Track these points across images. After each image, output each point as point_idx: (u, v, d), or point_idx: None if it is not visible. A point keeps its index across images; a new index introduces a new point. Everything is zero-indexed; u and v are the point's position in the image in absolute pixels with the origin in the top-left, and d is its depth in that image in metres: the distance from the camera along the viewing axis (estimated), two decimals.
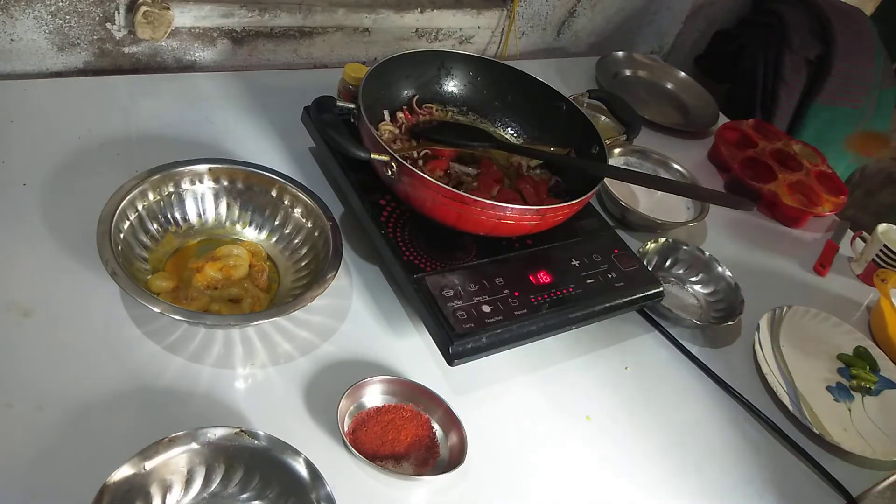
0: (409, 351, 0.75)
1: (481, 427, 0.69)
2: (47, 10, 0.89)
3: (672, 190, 0.95)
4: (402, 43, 1.23)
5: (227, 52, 1.06)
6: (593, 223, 0.90)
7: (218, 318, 0.66)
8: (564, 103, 0.93)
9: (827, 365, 0.95)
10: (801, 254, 1.15)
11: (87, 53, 0.96)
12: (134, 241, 0.70)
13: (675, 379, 0.85)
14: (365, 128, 0.76)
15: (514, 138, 0.98)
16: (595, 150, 0.88)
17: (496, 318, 0.72)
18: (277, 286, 0.75)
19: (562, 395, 0.77)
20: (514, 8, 1.29)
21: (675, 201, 1.10)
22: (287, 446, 0.58)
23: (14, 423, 0.57)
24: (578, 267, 0.82)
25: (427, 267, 0.75)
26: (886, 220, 1.14)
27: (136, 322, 0.67)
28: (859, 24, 1.55)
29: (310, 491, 0.57)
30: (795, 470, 0.80)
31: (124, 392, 0.62)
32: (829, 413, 0.87)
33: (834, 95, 1.48)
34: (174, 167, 0.74)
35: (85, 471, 0.54)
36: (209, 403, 0.64)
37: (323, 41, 1.13)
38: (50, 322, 0.65)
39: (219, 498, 0.56)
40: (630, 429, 0.77)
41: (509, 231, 0.79)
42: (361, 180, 0.82)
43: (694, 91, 1.45)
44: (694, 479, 0.75)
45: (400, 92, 0.93)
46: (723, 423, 0.82)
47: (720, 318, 0.92)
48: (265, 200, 0.78)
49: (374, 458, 0.62)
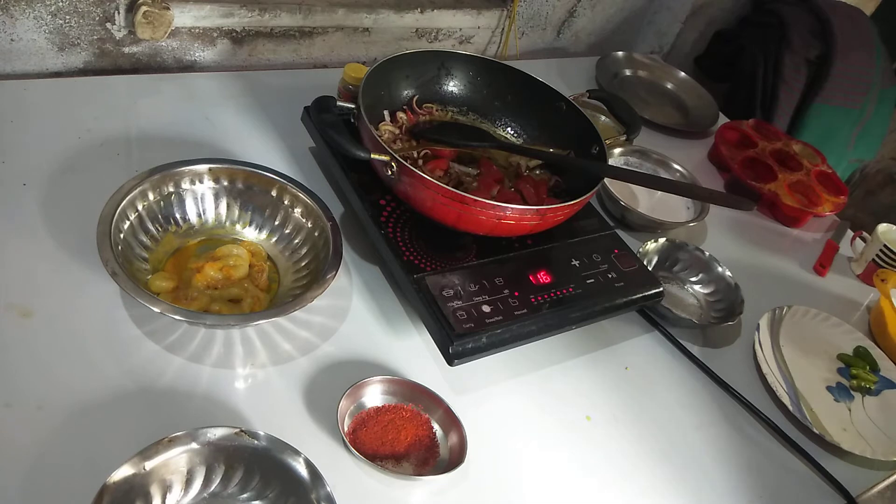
0: (409, 351, 0.75)
1: (481, 427, 0.69)
2: (47, 10, 0.89)
3: (672, 190, 0.95)
4: (402, 43, 1.23)
5: (227, 52, 1.06)
6: (593, 223, 0.90)
7: (218, 318, 0.66)
8: (564, 103, 0.93)
9: (827, 365, 0.95)
10: (801, 254, 1.15)
11: (87, 53, 0.96)
12: (134, 241, 0.70)
13: (675, 379, 0.85)
14: (365, 128, 0.76)
15: (514, 138, 0.98)
16: (595, 150, 0.88)
17: (496, 318, 0.72)
18: (277, 286, 0.75)
19: (562, 395, 0.77)
20: (514, 8, 1.29)
21: (675, 201, 1.10)
22: (287, 446, 0.58)
23: (14, 423, 0.57)
24: (578, 267, 0.82)
25: (427, 267, 0.75)
26: (886, 220, 1.14)
27: (136, 322, 0.67)
28: (859, 24, 1.55)
29: (310, 491, 0.57)
30: (795, 470, 0.80)
31: (124, 392, 0.62)
32: (829, 413, 0.87)
33: (834, 95, 1.48)
34: (174, 167, 0.74)
35: (85, 471, 0.54)
36: (209, 403, 0.64)
37: (323, 41, 1.13)
38: (50, 322, 0.65)
39: (219, 498, 0.56)
40: (630, 429, 0.77)
41: (509, 231, 0.79)
42: (361, 180, 0.82)
43: (694, 91, 1.45)
44: (694, 478, 0.75)
45: (400, 92, 0.93)
46: (723, 423, 0.82)
47: (720, 318, 0.92)
48: (265, 200, 0.78)
49: (374, 458, 0.62)
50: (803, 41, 1.48)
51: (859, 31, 1.52)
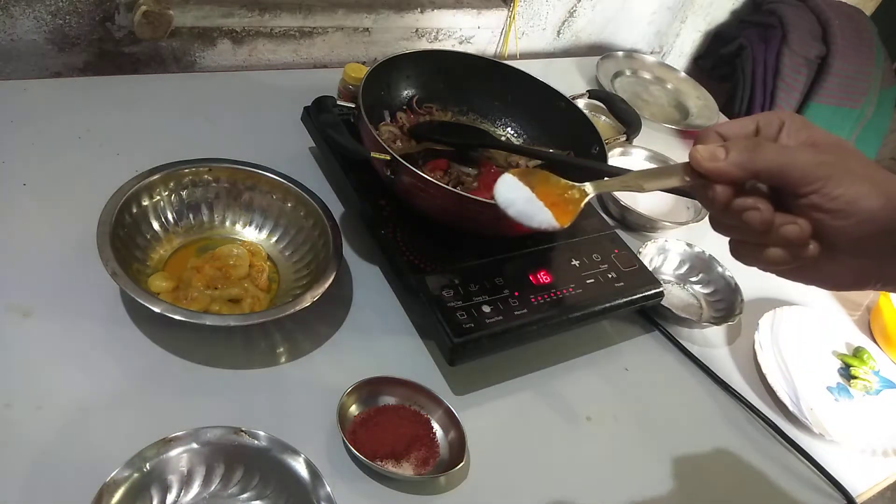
0: (409, 351, 0.75)
1: (481, 427, 0.69)
2: (47, 10, 0.89)
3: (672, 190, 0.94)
4: (402, 43, 1.23)
5: (227, 52, 1.06)
6: (593, 223, 0.90)
7: (218, 318, 0.66)
8: (564, 103, 0.93)
9: (827, 365, 0.95)
10: None
11: (87, 53, 0.96)
12: (134, 242, 0.70)
13: (675, 379, 0.85)
14: (365, 128, 0.76)
15: (514, 138, 0.98)
16: (595, 150, 0.88)
17: (496, 318, 0.72)
18: (277, 286, 0.75)
19: (562, 395, 0.77)
20: (514, 8, 1.29)
21: (675, 201, 1.10)
22: (287, 446, 0.58)
23: (14, 423, 0.57)
24: (578, 267, 0.82)
25: (427, 267, 0.75)
26: None
27: (136, 322, 0.67)
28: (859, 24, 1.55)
29: (310, 491, 0.57)
30: (795, 470, 0.80)
31: (124, 392, 0.62)
32: (829, 413, 0.87)
33: (834, 95, 1.48)
34: (174, 167, 0.74)
35: (85, 471, 0.54)
36: (209, 403, 0.64)
37: (323, 41, 1.13)
38: (50, 322, 0.65)
39: (219, 498, 0.57)
40: (630, 429, 0.77)
41: (509, 231, 0.79)
42: (361, 180, 0.82)
43: (694, 91, 1.45)
44: (694, 478, 0.75)
45: (400, 92, 0.93)
46: (723, 423, 0.82)
47: (720, 318, 0.92)
48: (265, 200, 0.78)
49: (374, 458, 0.62)
50: (803, 41, 1.48)
51: (859, 31, 1.52)
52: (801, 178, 0.40)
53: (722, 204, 0.43)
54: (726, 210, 0.43)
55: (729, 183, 0.42)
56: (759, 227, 0.42)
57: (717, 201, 0.43)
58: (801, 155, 0.41)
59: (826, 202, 0.40)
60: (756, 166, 0.41)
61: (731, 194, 0.43)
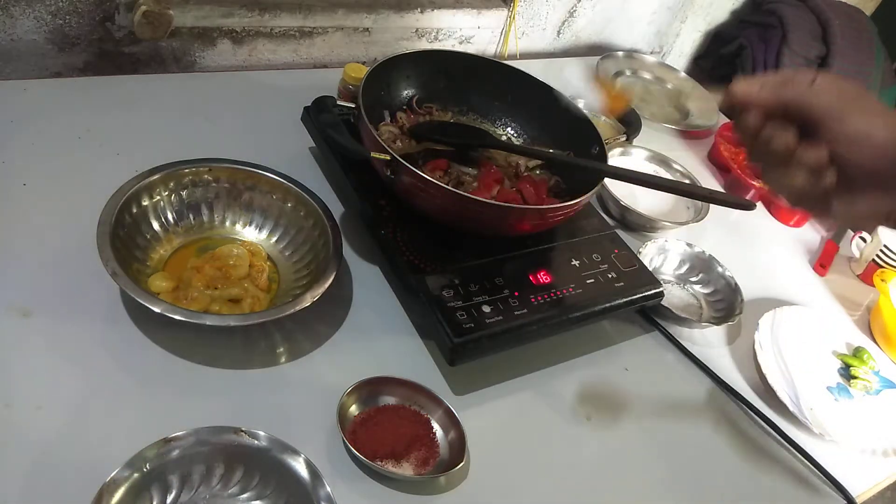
0: (409, 351, 0.75)
1: (481, 427, 0.69)
2: (47, 10, 0.89)
3: (672, 190, 0.95)
4: (402, 43, 1.23)
5: (227, 52, 1.06)
6: (593, 223, 0.90)
7: (218, 318, 0.66)
8: (565, 103, 0.93)
9: (827, 365, 0.95)
10: (801, 254, 1.15)
11: (87, 53, 0.96)
12: (134, 242, 0.70)
13: (675, 379, 0.85)
14: (365, 128, 0.76)
15: (514, 138, 0.98)
16: (595, 150, 0.88)
17: (496, 318, 0.72)
18: (277, 286, 0.75)
19: (562, 395, 0.77)
20: (514, 8, 1.29)
21: (675, 201, 1.10)
22: (287, 446, 0.58)
23: (14, 423, 0.57)
24: (578, 267, 0.82)
25: (427, 267, 0.75)
26: None
27: (136, 322, 0.67)
28: (859, 24, 1.55)
29: (310, 491, 0.57)
30: (795, 470, 0.80)
31: (124, 392, 0.62)
32: (829, 413, 0.87)
33: None
34: (174, 167, 0.74)
35: (85, 471, 0.54)
36: (209, 403, 0.64)
37: (323, 41, 1.13)
38: (50, 322, 0.65)
39: (219, 498, 0.57)
40: (630, 429, 0.77)
41: (509, 231, 0.79)
42: (361, 180, 0.82)
43: (694, 91, 1.45)
44: (694, 478, 0.75)
45: (400, 92, 0.93)
46: (723, 423, 0.82)
47: (720, 318, 0.92)
48: (265, 200, 0.78)
49: (374, 458, 0.62)
50: (803, 41, 1.48)
51: (859, 31, 1.52)
52: (822, 111, 0.47)
53: (754, 129, 0.50)
54: (757, 138, 0.50)
55: (760, 109, 0.50)
56: (784, 151, 0.48)
57: (751, 126, 0.50)
58: (823, 93, 0.48)
59: (843, 134, 0.47)
60: (785, 97, 0.49)
61: (762, 122, 0.50)
